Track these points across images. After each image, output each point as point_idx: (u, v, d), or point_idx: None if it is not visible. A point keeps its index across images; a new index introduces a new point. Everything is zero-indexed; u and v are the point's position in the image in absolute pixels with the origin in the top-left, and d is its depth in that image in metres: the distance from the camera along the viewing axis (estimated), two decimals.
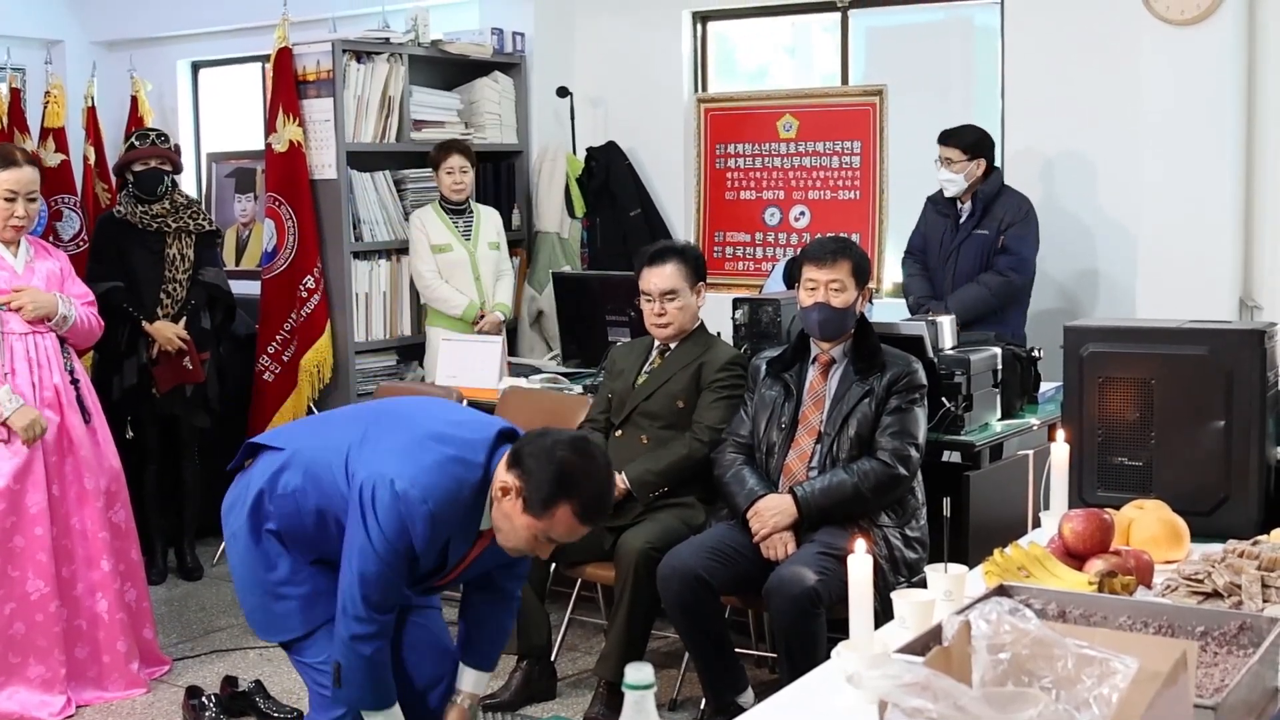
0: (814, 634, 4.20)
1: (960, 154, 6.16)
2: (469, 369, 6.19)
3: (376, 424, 3.49)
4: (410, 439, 3.37)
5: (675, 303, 5.00)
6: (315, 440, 3.56)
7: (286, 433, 3.75)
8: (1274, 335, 3.52)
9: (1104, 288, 6.55)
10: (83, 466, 5.05)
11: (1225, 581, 2.70)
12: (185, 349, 6.31)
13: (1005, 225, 6.12)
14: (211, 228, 6.52)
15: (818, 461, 4.50)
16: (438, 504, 3.27)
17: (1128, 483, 3.53)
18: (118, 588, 5.10)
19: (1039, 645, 1.76)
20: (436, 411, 3.62)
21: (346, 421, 3.61)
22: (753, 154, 7.63)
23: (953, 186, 6.21)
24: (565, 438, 3.31)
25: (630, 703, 1.64)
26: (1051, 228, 6.60)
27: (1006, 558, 2.96)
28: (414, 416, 3.53)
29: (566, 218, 7.81)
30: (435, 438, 3.36)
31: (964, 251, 6.20)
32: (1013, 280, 6.10)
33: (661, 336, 5.05)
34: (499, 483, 3.28)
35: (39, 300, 4.99)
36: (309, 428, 3.67)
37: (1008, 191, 6.24)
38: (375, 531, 3.27)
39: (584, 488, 3.26)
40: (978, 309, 5.98)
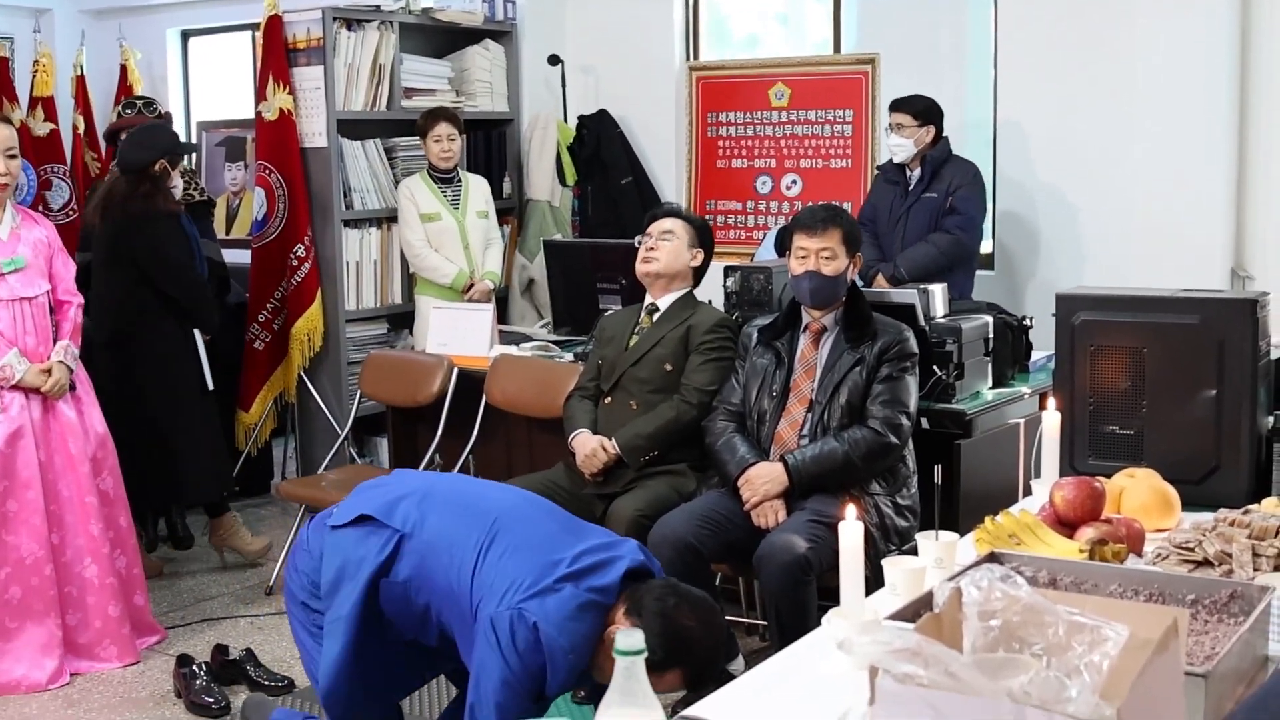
0: (804, 601, 4.20)
1: (911, 120, 6.27)
2: (459, 337, 6.18)
3: (503, 535, 3.28)
4: (547, 569, 3.16)
5: (668, 244, 5.03)
6: (431, 530, 3.34)
7: (392, 503, 3.45)
8: (1266, 305, 3.52)
9: (1096, 257, 6.54)
10: (67, 433, 5.04)
11: (1216, 550, 2.70)
12: None
13: (954, 188, 6.23)
14: (203, 198, 6.46)
15: (809, 430, 4.49)
16: (580, 655, 3.12)
17: (1119, 451, 3.53)
18: (107, 553, 5.09)
19: (1030, 612, 1.76)
20: (558, 529, 3.38)
21: (465, 514, 3.38)
22: (744, 122, 7.62)
23: (902, 152, 6.31)
24: (689, 600, 3.13)
25: (620, 669, 1.64)
26: (1043, 197, 6.61)
27: (997, 525, 2.97)
28: (539, 532, 3.31)
29: (557, 186, 7.80)
30: (573, 573, 3.16)
31: (913, 215, 6.31)
32: (961, 239, 6.18)
33: (644, 272, 5.06)
34: (615, 630, 3.07)
35: (61, 381, 5.02)
36: (419, 505, 3.39)
37: (956, 158, 6.33)
38: (517, 664, 3.09)
39: (699, 656, 3.11)
40: (927, 267, 6.04)
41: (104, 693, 4.92)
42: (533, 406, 5.63)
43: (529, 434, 5.85)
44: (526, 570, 3.16)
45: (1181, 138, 6.21)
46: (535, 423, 5.73)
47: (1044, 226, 6.66)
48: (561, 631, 3.08)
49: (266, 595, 5.92)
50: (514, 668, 3.09)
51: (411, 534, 3.32)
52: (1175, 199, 6.25)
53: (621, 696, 1.63)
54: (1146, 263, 6.18)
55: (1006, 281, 6.74)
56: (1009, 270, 6.78)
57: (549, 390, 5.48)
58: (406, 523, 3.34)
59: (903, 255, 6.20)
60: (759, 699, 2.35)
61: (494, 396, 5.78)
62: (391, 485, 3.51)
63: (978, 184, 6.26)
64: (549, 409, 5.41)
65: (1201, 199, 6.20)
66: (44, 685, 4.92)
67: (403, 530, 3.33)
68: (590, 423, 4.98)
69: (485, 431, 5.92)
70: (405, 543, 3.32)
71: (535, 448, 5.81)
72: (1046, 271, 6.66)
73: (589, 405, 5.05)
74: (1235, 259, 6.29)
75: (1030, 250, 6.71)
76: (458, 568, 3.23)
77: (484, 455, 6.01)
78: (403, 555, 3.31)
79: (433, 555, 3.28)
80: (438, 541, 3.30)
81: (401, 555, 3.32)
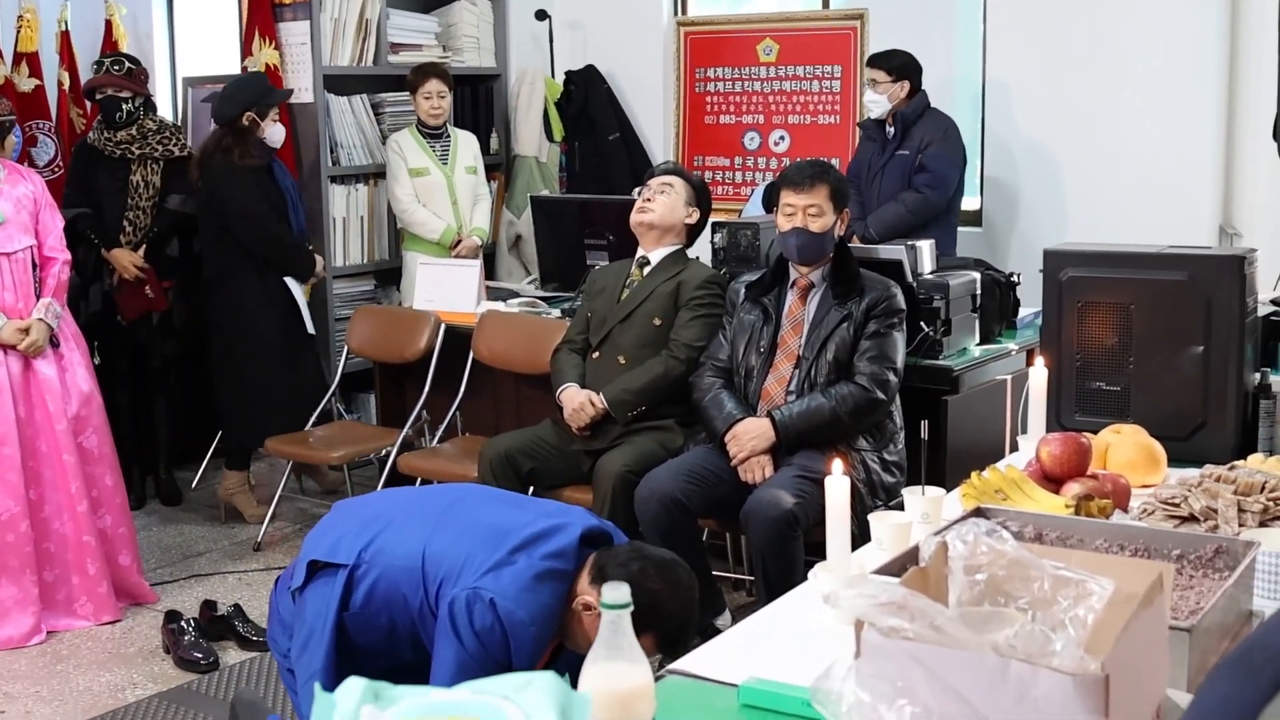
0: (791, 556, 4.22)
1: (885, 76, 6.26)
2: (447, 293, 6.17)
3: (447, 525, 3.21)
4: (497, 544, 3.08)
5: (666, 197, 5.04)
6: (375, 549, 3.24)
7: (335, 540, 3.33)
8: (1253, 261, 3.52)
9: (1085, 214, 6.53)
10: (45, 390, 5.03)
11: (1201, 506, 2.71)
12: (144, 277, 6.25)
13: (924, 145, 6.20)
14: (182, 154, 6.39)
15: (796, 386, 4.50)
16: (542, 625, 3.03)
17: (1106, 407, 3.54)
18: (85, 511, 5.09)
19: (1015, 566, 1.76)
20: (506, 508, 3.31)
21: (408, 522, 3.29)
22: (732, 78, 7.59)
23: (877, 108, 6.30)
24: (655, 563, 3.05)
25: (607, 622, 1.64)
26: (1031, 155, 6.59)
27: (984, 481, 2.97)
28: (485, 514, 3.25)
29: (545, 142, 7.77)
30: (525, 542, 3.08)
31: (887, 172, 6.30)
32: (929, 198, 6.15)
33: (638, 221, 5.06)
34: (583, 598, 3.04)
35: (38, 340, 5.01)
36: (359, 534, 3.29)
37: (931, 114, 6.30)
38: (474, 646, 3.02)
39: (668, 621, 3.02)
40: (895, 226, 6.03)
41: (92, 648, 4.93)
42: (520, 363, 5.63)
43: (516, 390, 5.86)
44: (478, 547, 3.08)
45: (1170, 95, 6.20)
46: (522, 379, 5.73)
47: (1032, 183, 6.64)
48: (519, 605, 2.99)
49: (255, 551, 5.93)
50: (471, 649, 3.02)
51: (359, 562, 3.23)
52: (1164, 156, 6.24)
53: (608, 650, 1.64)
54: (1135, 219, 6.17)
55: (994, 238, 6.74)
56: (997, 227, 6.77)
57: (536, 346, 5.48)
58: (350, 554, 3.24)
59: (873, 215, 6.20)
60: (745, 653, 2.35)
61: (481, 353, 5.77)
62: (334, 523, 3.38)
63: (949, 140, 6.23)
64: (536, 365, 5.41)
65: (1190, 156, 6.19)
66: (18, 642, 4.93)
67: (349, 563, 3.23)
68: (578, 376, 4.98)
69: (472, 388, 5.92)
70: (355, 572, 3.23)
71: (523, 404, 5.81)
72: (1034, 228, 6.64)
73: (577, 359, 5.05)
74: (1223, 216, 6.28)
75: (1018, 207, 6.70)
76: (416, 569, 3.15)
77: (471, 411, 6.01)
78: (356, 584, 3.22)
79: (385, 571, 3.19)
80: (383, 557, 3.21)
81: (355, 585, 3.22)
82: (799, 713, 1.99)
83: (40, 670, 4.77)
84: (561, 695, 1.50)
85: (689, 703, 2.14)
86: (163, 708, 4.46)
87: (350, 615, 3.22)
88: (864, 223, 6.18)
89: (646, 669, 1.65)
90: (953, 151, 6.23)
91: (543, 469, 4.94)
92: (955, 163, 6.23)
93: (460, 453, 5.58)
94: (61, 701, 4.53)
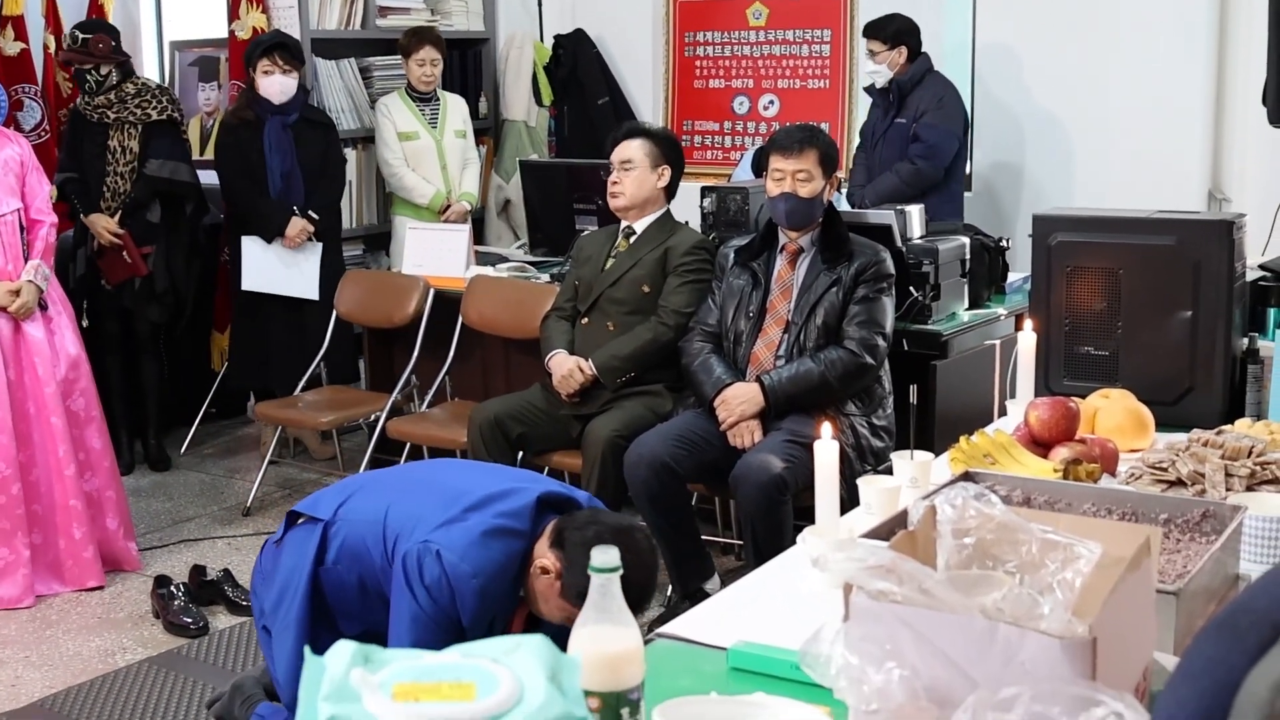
0: (780, 521, 4.23)
1: (881, 45, 6.23)
2: (436, 258, 6.16)
3: (412, 488, 3.29)
4: (452, 504, 3.14)
5: (630, 172, 5.00)
6: (350, 508, 3.33)
7: (316, 498, 3.45)
8: (1242, 226, 3.52)
9: (1074, 179, 6.54)
10: (34, 352, 5.02)
11: (1189, 470, 2.72)
12: (119, 243, 6.22)
13: (919, 114, 6.17)
14: (162, 117, 6.31)
15: (785, 350, 4.50)
16: (488, 578, 3.05)
17: (1094, 372, 3.54)
18: (73, 474, 5.08)
19: (1004, 530, 1.76)
20: (471, 473, 3.39)
21: (379, 486, 3.40)
22: (722, 42, 7.57)
23: (879, 78, 6.29)
24: (610, 528, 3.02)
25: (596, 586, 1.64)
26: (1022, 121, 6.59)
27: (972, 445, 2.98)
28: (449, 478, 3.32)
29: (534, 106, 7.75)
30: (479, 502, 3.12)
31: (887, 140, 6.29)
32: (921, 168, 6.13)
33: (614, 207, 5.05)
34: (540, 561, 3.05)
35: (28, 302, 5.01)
36: (339, 493, 3.40)
37: (929, 80, 6.25)
38: (425, 600, 3.05)
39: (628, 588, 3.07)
40: (891, 197, 5.99)
41: (81, 613, 4.94)
42: (509, 327, 5.62)
43: (505, 355, 5.86)
44: (432, 507, 3.14)
45: (1160, 60, 6.19)
46: (512, 343, 5.73)
47: (1022, 149, 6.64)
48: (464, 558, 3.01)
49: (244, 516, 5.93)
50: (423, 604, 3.05)
51: (334, 519, 3.30)
52: (1153, 121, 6.23)
53: (597, 614, 1.64)
54: (1124, 185, 6.17)
55: (984, 203, 6.73)
56: (986, 192, 6.77)
57: (525, 311, 5.48)
58: (329, 510, 3.33)
59: (870, 186, 6.18)
60: (735, 616, 2.36)
61: (470, 317, 5.77)
62: (319, 491, 3.51)
63: (945, 108, 6.17)
64: (525, 330, 5.41)
65: (1179, 121, 6.19)
66: (10, 604, 4.94)
67: (326, 518, 3.31)
68: (567, 343, 4.98)
69: (462, 352, 5.92)
70: (330, 528, 3.30)
71: (512, 368, 5.81)
72: (1023, 193, 6.65)
73: (566, 326, 5.05)
74: (1212, 181, 6.29)
75: (1007, 172, 6.70)
76: (378, 531, 3.21)
77: (460, 376, 6.01)
78: (330, 539, 3.30)
79: (352, 530, 3.26)
80: (356, 515, 3.28)
81: (329, 539, 3.30)
82: (788, 675, 1.99)
83: (29, 635, 4.77)
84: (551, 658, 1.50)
85: (678, 666, 2.14)
86: (153, 672, 4.46)
87: (325, 570, 3.28)
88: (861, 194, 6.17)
89: (636, 632, 1.65)
90: (949, 120, 6.18)
91: (532, 434, 4.95)
92: (951, 132, 6.18)
93: (449, 418, 5.58)
94: (51, 666, 4.54)
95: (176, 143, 6.40)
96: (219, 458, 6.82)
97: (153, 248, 6.32)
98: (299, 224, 6.33)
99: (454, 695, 1.43)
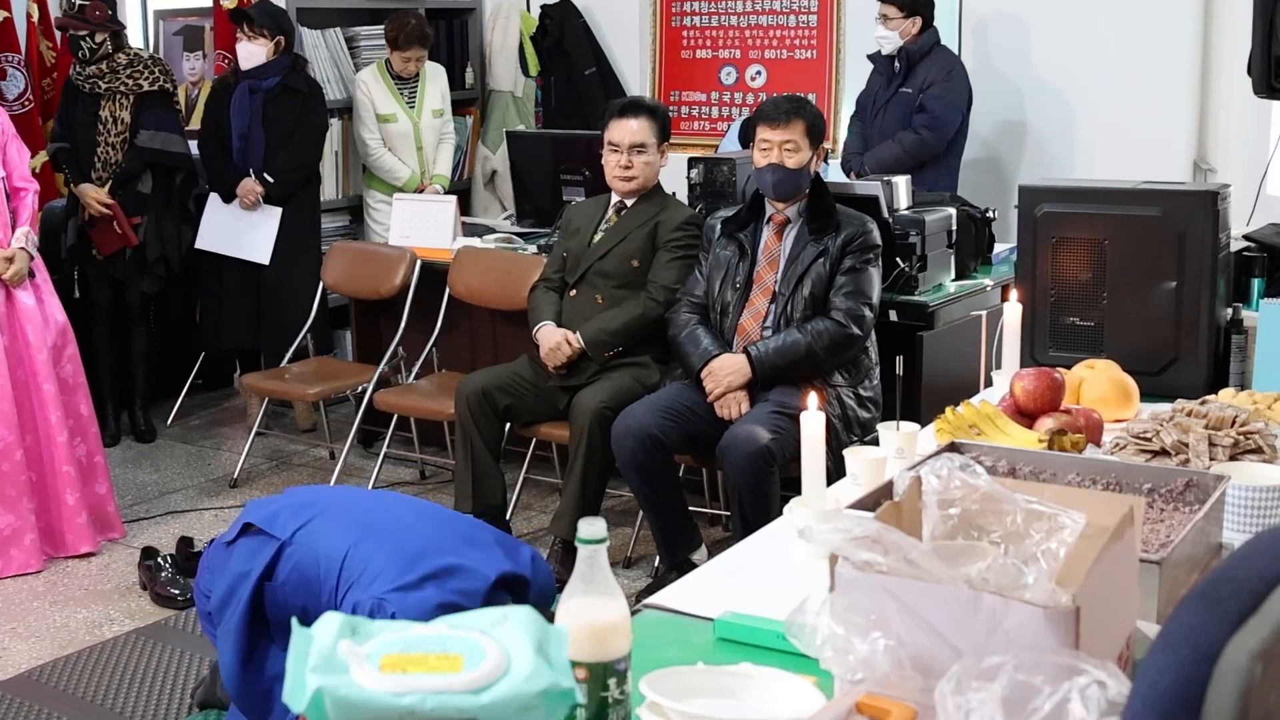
0: (767, 492, 4.24)
1: (897, 11, 6.23)
2: (422, 229, 6.15)
3: (372, 533, 3.24)
4: (411, 566, 3.10)
5: (643, 157, 4.97)
6: (307, 533, 3.30)
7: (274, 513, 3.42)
8: (1226, 197, 3.53)
9: (1059, 150, 6.55)
10: (25, 319, 5.02)
11: (1173, 440, 2.73)
12: (109, 213, 6.20)
13: (927, 85, 6.19)
14: (154, 87, 6.29)
15: (772, 321, 4.50)
16: None
17: (1079, 343, 3.55)
18: (65, 441, 5.09)
19: (989, 501, 1.77)
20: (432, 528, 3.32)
21: (341, 517, 3.34)
22: (709, 12, 7.55)
23: (887, 44, 6.28)
24: None
25: (583, 557, 1.65)
26: (1009, 89, 6.59)
27: (958, 416, 2.99)
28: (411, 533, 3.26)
29: (520, 76, 7.73)
30: (438, 573, 3.10)
31: (890, 108, 6.30)
32: (925, 139, 6.15)
33: (624, 190, 5.01)
34: None
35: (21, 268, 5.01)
36: (298, 514, 3.36)
37: (937, 52, 6.27)
38: None
39: None
40: (893, 166, 6.00)
41: (69, 585, 4.94)
42: (496, 299, 5.62)
43: (493, 326, 5.85)
44: (391, 561, 3.13)
45: (1145, 30, 6.19)
46: (499, 315, 5.73)
47: (1009, 119, 6.64)
48: None
49: (231, 488, 5.93)
50: None
51: (290, 540, 3.29)
52: (1139, 91, 6.24)
53: (584, 585, 1.64)
54: (1109, 156, 6.18)
55: (970, 174, 6.72)
56: (973, 163, 6.76)
57: (512, 282, 5.47)
58: (285, 530, 3.31)
59: (870, 153, 6.20)
60: (722, 587, 2.37)
61: (457, 289, 5.76)
62: (277, 500, 3.50)
63: (952, 81, 6.19)
64: (512, 301, 5.41)
65: (1164, 92, 6.20)
66: (20, 570, 4.97)
67: (281, 538, 3.30)
68: (555, 315, 4.98)
69: (449, 324, 5.91)
70: (285, 549, 3.29)
71: (499, 340, 5.81)
72: (1010, 164, 6.65)
73: (554, 297, 5.05)
74: (1197, 152, 6.30)
75: (994, 143, 6.70)
76: (326, 566, 3.20)
77: (448, 347, 6.01)
78: (282, 560, 3.29)
79: (307, 556, 3.25)
80: (312, 543, 3.27)
81: (281, 560, 3.29)
82: (774, 646, 2.00)
83: (17, 606, 4.77)
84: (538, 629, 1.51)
85: (665, 637, 2.15)
86: (140, 643, 4.47)
87: (271, 586, 3.28)
88: (862, 158, 6.18)
89: (623, 603, 1.66)
90: (955, 93, 6.19)
91: (519, 405, 4.95)
92: (957, 105, 6.20)
93: (436, 389, 5.58)
94: (38, 638, 4.54)
95: (168, 113, 6.38)
96: (206, 429, 6.82)
97: (143, 218, 6.30)
98: (248, 185, 6.41)
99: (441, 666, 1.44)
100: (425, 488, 5.95)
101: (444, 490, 5.78)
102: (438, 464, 6.14)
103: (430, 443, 6.18)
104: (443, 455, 6.09)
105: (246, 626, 3.29)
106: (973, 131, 6.67)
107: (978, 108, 6.60)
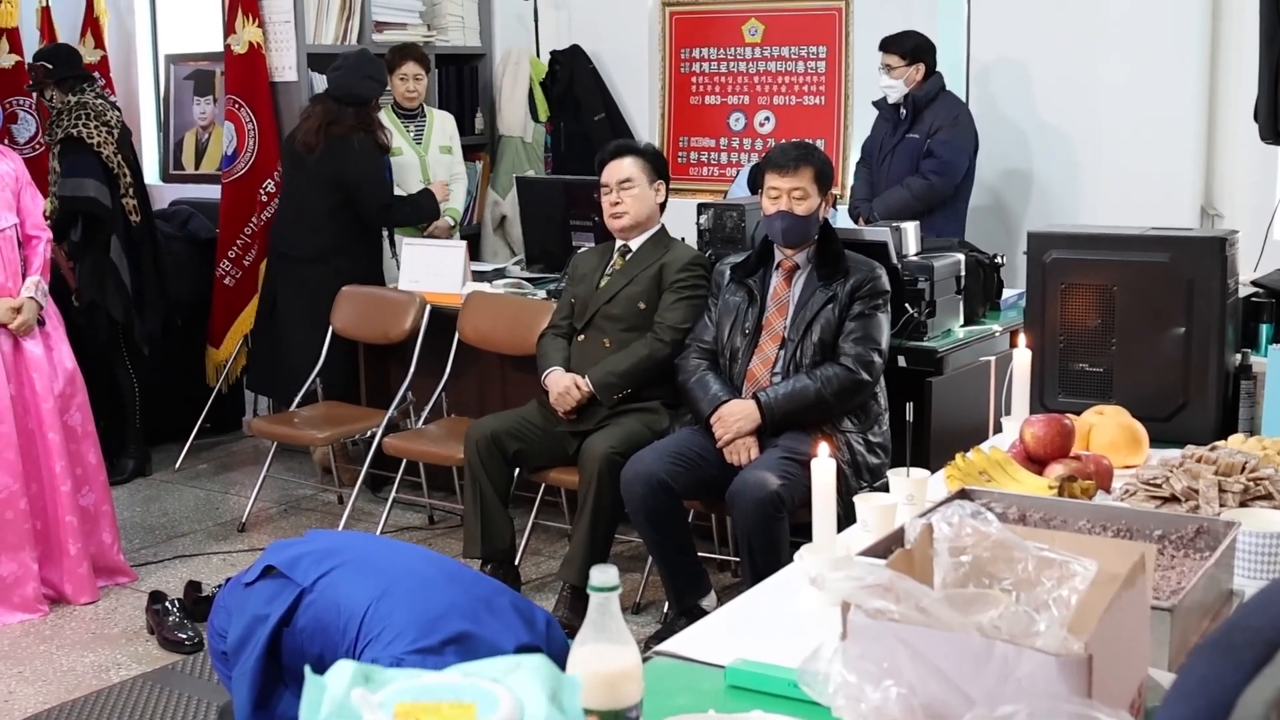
0: (777, 538, 4.23)
1: (899, 60, 6.25)
2: (432, 273, 6.16)
3: (396, 589, 3.21)
4: (432, 629, 3.08)
5: (631, 191, 4.99)
6: (328, 583, 3.29)
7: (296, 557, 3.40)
8: (1234, 243, 3.53)
9: (1067, 195, 6.56)
10: (33, 368, 5.03)
11: (1183, 486, 2.72)
12: None
13: (934, 130, 6.21)
14: (73, 132, 6.18)
15: (781, 367, 4.51)
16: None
17: (1088, 389, 3.55)
18: (69, 490, 5.09)
19: (1000, 548, 1.77)
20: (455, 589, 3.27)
21: (364, 570, 3.32)
22: (718, 58, 7.58)
23: (893, 93, 6.30)
24: None
25: (595, 605, 1.65)
26: (1016, 135, 6.60)
27: (968, 462, 2.98)
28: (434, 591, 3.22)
29: (530, 122, 7.76)
30: (458, 638, 3.07)
31: (897, 154, 6.31)
32: (934, 184, 6.17)
33: (617, 228, 5.03)
34: None
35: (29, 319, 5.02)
36: (320, 562, 3.35)
37: (943, 97, 6.29)
38: None
39: None
40: (900, 211, 6.01)
41: (76, 629, 4.94)
42: (506, 344, 5.63)
43: (502, 371, 5.86)
44: (412, 622, 3.10)
45: (1152, 76, 6.21)
46: (508, 360, 5.74)
47: (1016, 165, 6.66)
48: None
49: (239, 532, 5.93)
50: None
51: (312, 588, 3.28)
52: (1146, 138, 6.25)
53: (596, 632, 1.64)
54: (1117, 201, 6.19)
55: (977, 219, 6.73)
56: (980, 209, 6.77)
57: (522, 327, 5.48)
58: (307, 577, 3.30)
59: (878, 199, 6.22)
60: (732, 634, 2.37)
61: (466, 334, 5.77)
62: (299, 543, 3.48)
63: (959, 125, 6.22)
64: (522, 346, 5.42)
65: (1172, 137, 6.21)
66: (22, 613, 4.96)
67: (303, 584, 3.29)
68: (563, 360, 4.99)
69: (458, 369, 5.92)
70: (305, 595, 3.28)
71: (509, 385, 5.82)
72: (1018, 210, 6.66)
73: (562, 343, 5.06)
74: (1205, 197, 6.31)
75: (1000, 189, 6.72)
76: (347, 618, 3.18)
77: (457, 393, 6.02)
78: (302, 607, 3.28)
79: (328, 606, 3.24)
80: (333, 593, 3.25)
81: (301, 607, 3.28)
82: (786, 694, 2.00)
83: (23, 651, 4.77)
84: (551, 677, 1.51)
85: (676, 684, 2.15)
86: (147, 688, 4.46)
87: (289, 632, 3.26)
88: (870, 204, 6.19)
89: (634, 650, 1.66)
90: (962, 138, 6.22)
91: (529, 450, 4.95)
92: (964, 149, 6.22)
93: (446, 434, 5.58)
94: (45, 682, 4.54)
95: (80, 158, 6.23)
96: (214, 473, 6.82)
97: (73, 265, 6.35)
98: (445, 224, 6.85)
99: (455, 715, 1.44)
100: (434, 533, 5.95)
101: (453, 535, 5.78)
102: (446, 509, 6.14)
103: (439, 487, 6.18)
104: (452, 500, 6.09)
105: (261, 670, 3.27)
106: (979, 177, 6.69)
107: (984, 153, 6.62)
